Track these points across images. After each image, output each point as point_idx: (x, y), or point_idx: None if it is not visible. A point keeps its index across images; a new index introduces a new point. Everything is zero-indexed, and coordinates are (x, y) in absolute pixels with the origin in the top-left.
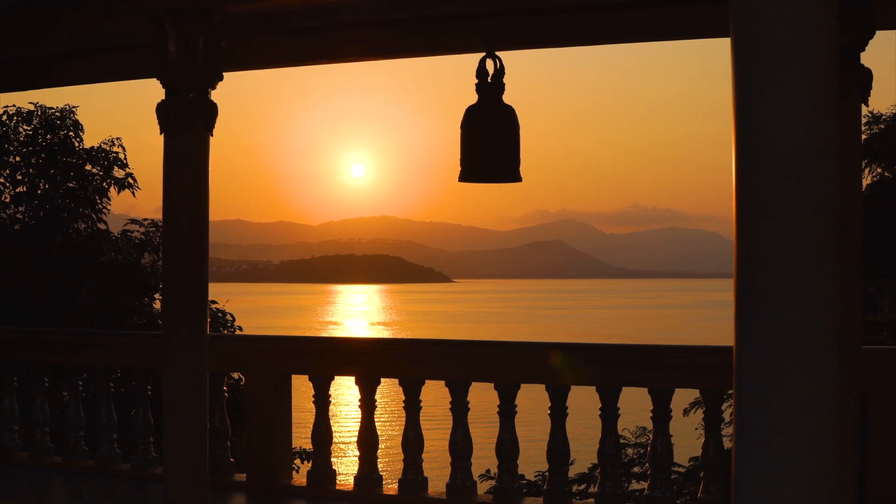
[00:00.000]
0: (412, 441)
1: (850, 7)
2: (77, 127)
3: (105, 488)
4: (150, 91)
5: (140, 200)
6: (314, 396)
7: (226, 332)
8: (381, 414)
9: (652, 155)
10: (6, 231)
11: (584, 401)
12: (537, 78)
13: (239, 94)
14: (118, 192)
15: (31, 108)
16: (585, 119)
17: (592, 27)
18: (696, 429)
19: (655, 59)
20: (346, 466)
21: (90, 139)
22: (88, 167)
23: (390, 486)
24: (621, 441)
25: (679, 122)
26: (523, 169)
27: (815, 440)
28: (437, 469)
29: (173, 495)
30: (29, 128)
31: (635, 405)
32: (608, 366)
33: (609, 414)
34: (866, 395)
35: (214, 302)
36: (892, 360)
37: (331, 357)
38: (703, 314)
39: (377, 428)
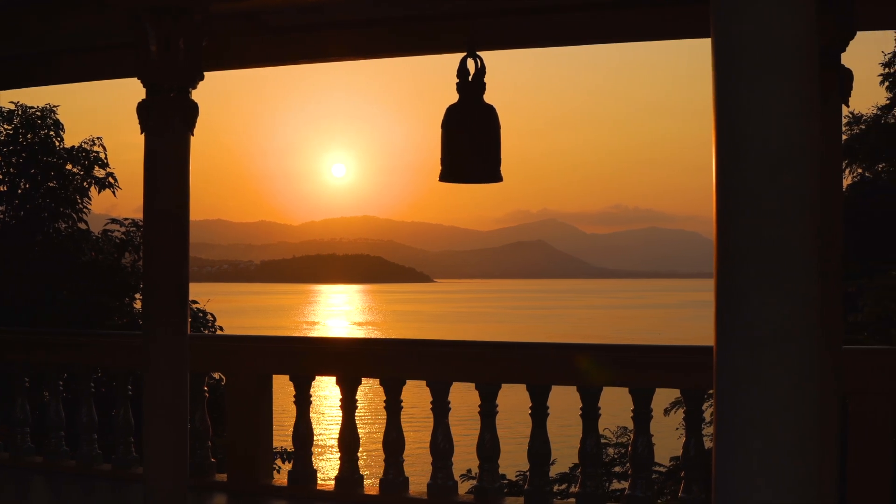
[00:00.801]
0: (393, 441)
1: (831, 7)
2: (58, 126)
3: (86, 488)
4: (131, 90)
5: (121, 200)
6: (295, 396)
7: (207, 332)
8: (362, 414)
9: (633, 155)
10: None
11: (564, 401)
12: (518, 78)
13: (220, 93)
14: (99, 192)
15: (12, 107)
16: (566, 119)
17: (574, 27)
18: (677, 428)
19: (637, 59)
20: (328, 466)
21: (71, 139)
22: (69, 167)
23: (371, 486)
24: (602, 441)
25: (660, 123)
26: (504, 169)
27: (796, 440)
28: (418, 469)
29: (154, 495)
30: (9, 127)
31: (616, 405)
32: (585, 366)
33: (590, 414)
34: (847, 395)
35: (195, 302)
36: (873, 360)
37: (312, 357)
38: (685, 314)
39: (358, 428)
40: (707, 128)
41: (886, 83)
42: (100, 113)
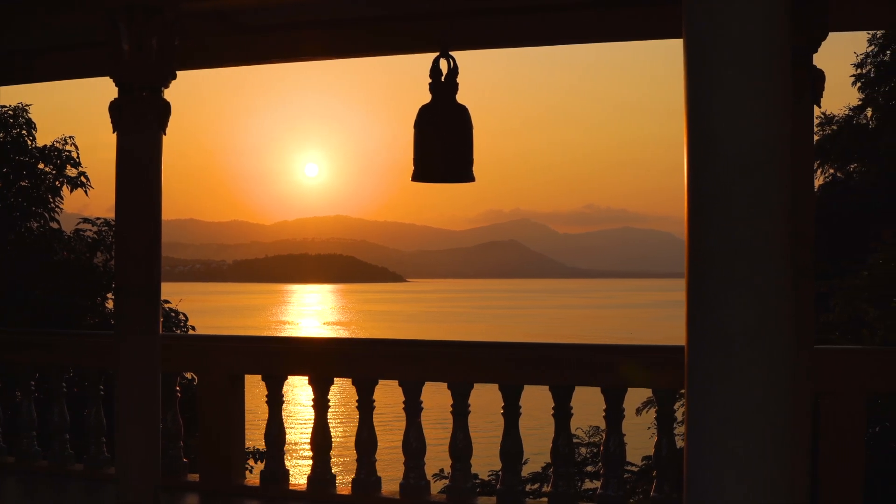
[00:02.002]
0: (365, 441)
1: (803, 8)
2: (30, 125)
3: (58, 489)
4: (104, 89)
5: (93, 199)
6: (267, 396)
7: (179, 331)
8: (334, 414)
9: (606, 155)
10: None
11: (537, 400)
12: (491, 78)
13: (193, 92)
14: (71, 191)
15: None
16: (539, 119)
17: (547, 28)
18: (649, 428)
19: (610, 60)
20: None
21: (43, 137)
22: (41, 166)
23: (344, 486)
24: (574, 440)
25: (633, 123)
26: (477, 169)
27: (767, 439)
28: (390, 469)
29: (126, 495)
30: None
31: (588, 404)
32: (558, 365)
33: (562, 413)
34: (819, 395)
35: (167, 301)
36: (844, 360)
37: (284, 357)
38: (657, 314)
39: (330, 428)
40: (680, 128)
41: (858, 84)
42: (72, 112)
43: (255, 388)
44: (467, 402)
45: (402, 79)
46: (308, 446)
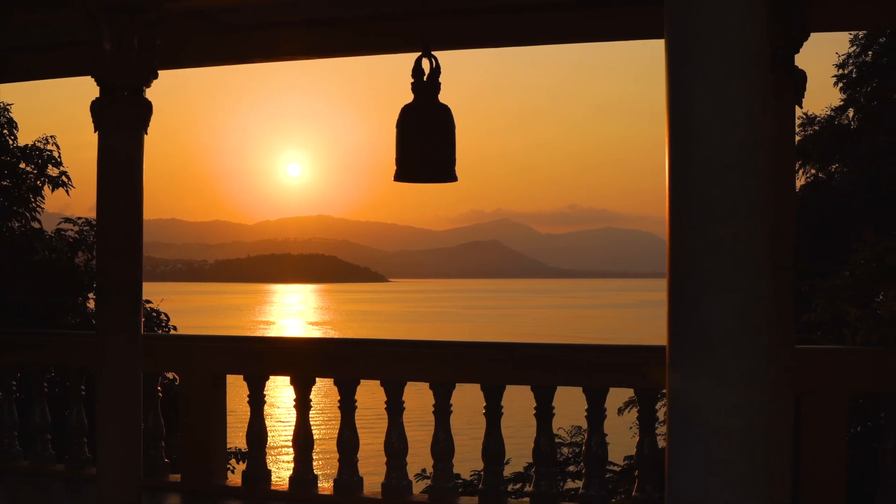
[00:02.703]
0: (347, 441)
1: (784, 9)
2: (11, 125)
3: (40, 489)
4: (86, 89)
5: (74, 199)
6: (249, 396)
7: (160, 331)
8: (316, 414)
9: (588, 156)
10: None
11: (519, 400)
12: (474, 78)
13: (175, 92)
14: (52, 191)
15: None
16: (521, 120)
17: (529, 28)
18: (631, 428)
19: (592, 61)
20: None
21: (24, 137)
22: (22, 165)
23: (326, 487)
24: (556, 440)
25: (615, 124)
26: (459, 169)
27: (749, 439)
28: (372, 469)
29: (107, 496)
30: None
31: (570, 404)
32: (540, 365)
33: (544, 413)
34: (801, 394)
35: (149, 301)
36: (825, 359)
37: (266, 357)
38: (640, 313)
39: (312, 428)
40: (662, 129)
41: (840, 84)
42: (54, 111)
43: (237, 389)
44: (449, 402)
45: (385, 78)
46: (290, 447)
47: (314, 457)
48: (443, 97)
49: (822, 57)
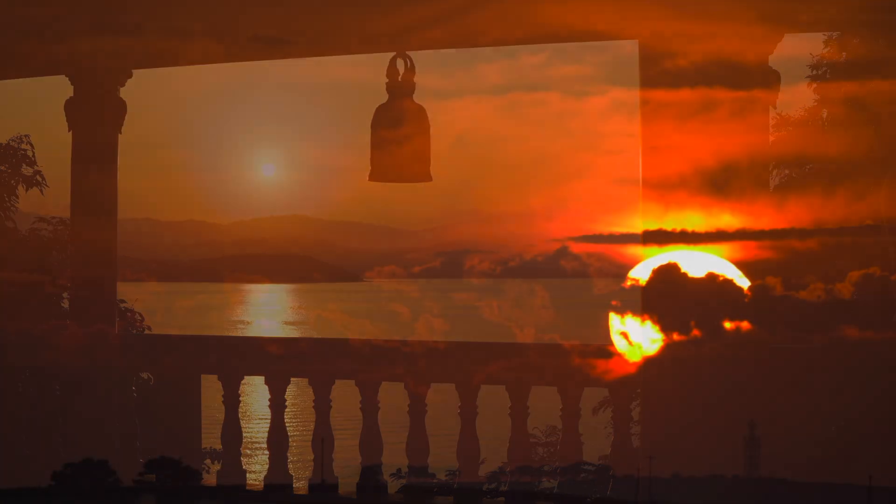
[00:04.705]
0: (322, 440)
1: (760, 9)
2: None
3: None
4: (60, 88)
5: (48, 198)
6: (224, 396)
7: (135, 331)
8: (290, 414)
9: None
10: None
11: (494, 400)
12: (449, 78)
13: (149, 91)
14: (26, 191)
15: None
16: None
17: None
18: (605, 427)
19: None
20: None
21: None
22: None
23: (300, 486)
24: (531, 440)
25: None
26: (433, 168)
27: None
28: (347, 469)
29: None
30: None
31: (545, 404)
32: (515, 365)
33: (519, 413)
34: None
35: (123, 301)
36: None
37: (241, 357)
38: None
39: (287, 428)
40: None
41: (814, 85)
42: (28, 110)
43: (211, 389)
44: (424, 402)
45: (360, 78)
46: (265, 446)
47: (289, 456)
48: (416, 97)
49: (796, 58)
